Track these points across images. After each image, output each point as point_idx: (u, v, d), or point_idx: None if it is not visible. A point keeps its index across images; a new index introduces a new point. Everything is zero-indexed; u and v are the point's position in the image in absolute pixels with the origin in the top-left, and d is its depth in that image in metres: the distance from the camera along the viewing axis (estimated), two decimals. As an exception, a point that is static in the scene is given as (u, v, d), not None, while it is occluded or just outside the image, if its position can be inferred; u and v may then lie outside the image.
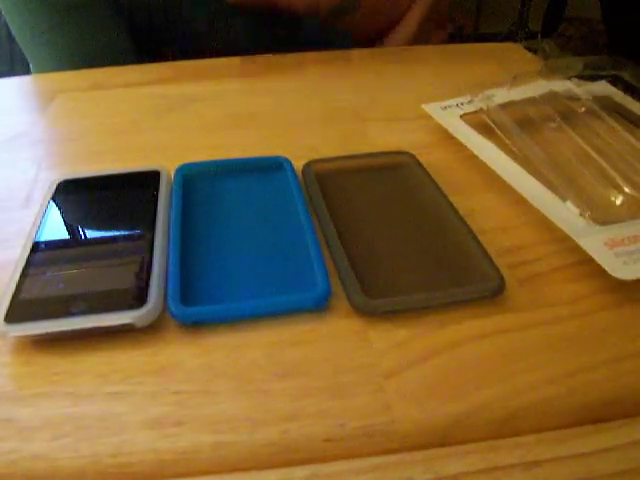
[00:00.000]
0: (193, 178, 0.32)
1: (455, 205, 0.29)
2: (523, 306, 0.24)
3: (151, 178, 0.31)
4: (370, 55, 0.52)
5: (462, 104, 0.37)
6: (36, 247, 0.26)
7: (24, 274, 0.24)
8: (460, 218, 0.28)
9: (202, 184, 0.31)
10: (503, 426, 0.20)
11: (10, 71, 0.70)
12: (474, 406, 0.20)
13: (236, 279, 0.25)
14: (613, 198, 0.29)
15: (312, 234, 0.27)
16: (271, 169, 0.31)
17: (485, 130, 0.34)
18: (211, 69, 0.48)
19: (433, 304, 0.24)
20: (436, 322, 0.23)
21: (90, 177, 0.31)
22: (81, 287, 0.24)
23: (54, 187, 0.30)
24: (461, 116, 0.36)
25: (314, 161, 0.33)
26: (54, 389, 0.21)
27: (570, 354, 0.22)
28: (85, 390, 0.21)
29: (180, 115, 0.41)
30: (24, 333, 0.22)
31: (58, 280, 0.24)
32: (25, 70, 0.61)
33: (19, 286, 0.23)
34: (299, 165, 0.33)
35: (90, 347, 0.22)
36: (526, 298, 0.24)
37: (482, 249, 0.26)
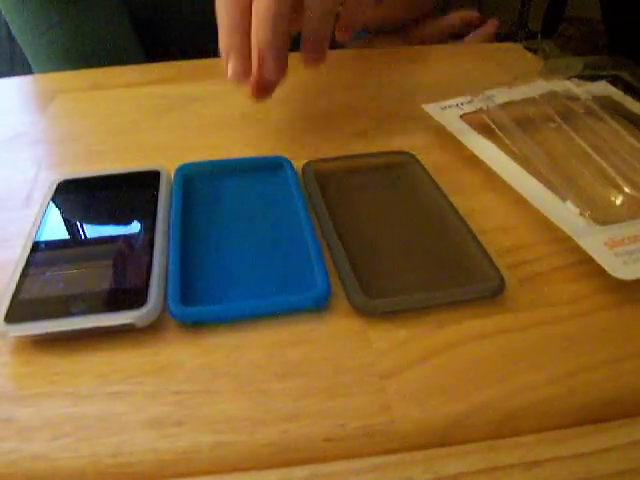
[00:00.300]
0: (193, 178, 0.32)
1: (455, 205, 0.29)
2: (523, 306, 0.24)
3: (151, 178, 0.31)
4: (370, 55, 0.52)
5: (462, 104, 0.37)
6: (36, 247, 0.26)
7: (24, 274, 0.24)
8: (460, 218, 0.28)
9: (202, 184, 0.31)
10: (503, 426, 0.20)
11: (10, 71, 0.70)
12: (474, 406, 0.20)
13: (236, 279, 0.25)
14: (613, 198, 0.29)
15: (312, 234, 0.27)
16: (271, 169, 0.31)
17: (485, 130, 0.34)
18: (211, 69, 0.48)
19: (433, 304, 0.24)
20: (436, 322, 0.23)
21: (90, 177, 0.31)
22: (81, 287, 0.24)
23: (54, 187, 0.30)
24: (461, 116, 0.36)
25: (314, 161, 0.33)
26: (54, 389, 0.21)
27: (570, 354, 0.22)
28: (85, 390, 0.21)
29: (180, 115, 0.41)
30: (24, 333, 0.22)
31: (58, 280, 0.24)
32: (25, 70, 0.61)
33: (19, 286, 0.23)
34: (299, 165, 0.33)
35: (90, 347, 0.22)
36: (526, 298, 0.24)
37: (482, 249, 0.26)
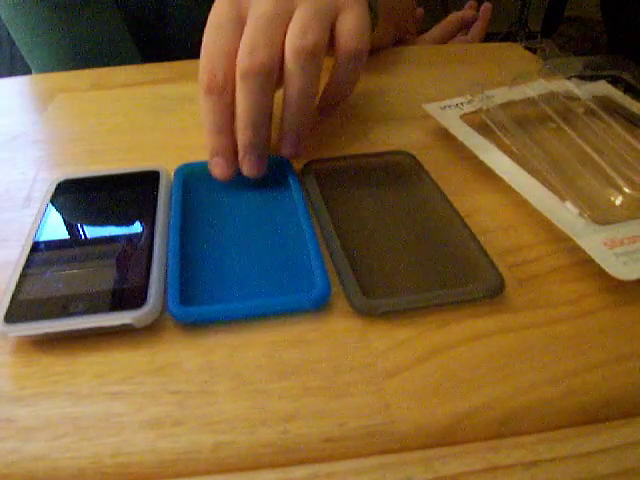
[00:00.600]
0: (193, 178, 0.32)
1: (455, 205, 0.29)
2: (523, 306, 0.24)
3: (151, 178, 0.31)
4: (370, 55, 0.52)
5: (462, 104, 0.37)
6: (36, 247, 0.26)
7: (24, 274, 0.24)
8: (460, 218, 0.28)
9: (202, 184, 0.31)
10: (503, 426, 0.20)
11: (10, 71, 0.70)
12: (474, 406, 0.20)
13: (236, 279, 0.25)
14: (613, 198, 0.29)
15: (312, 234, 0.27)
16: (271, 169, 0.31)
17: (485, 130, 0.34)
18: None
19: (433, 304, 0.24)
20: (436, 322, 0.23)
21: (90, 177, 0.31)
22: (81, 287, 0.24)
23: (54, 187, 0.30)
24: (461, 116, 0.36)
25: (314, 161, 0.33)
26: (54, 389, 0.21)
27: (570, 354, 0.22)
28: (85, 390, 0.21)
29: (180, 115, 0.41)
30: (24, 333, 0.22)
31: (58, 280, 0.24)
32: (25, 70, 0.61)
33: (19, 286, 0.23)
34: (299, 165, 0.33)
35: (90, 347, 0.22)
36: (526, 298, 0.24)
37: (482, 249, 0.26)
